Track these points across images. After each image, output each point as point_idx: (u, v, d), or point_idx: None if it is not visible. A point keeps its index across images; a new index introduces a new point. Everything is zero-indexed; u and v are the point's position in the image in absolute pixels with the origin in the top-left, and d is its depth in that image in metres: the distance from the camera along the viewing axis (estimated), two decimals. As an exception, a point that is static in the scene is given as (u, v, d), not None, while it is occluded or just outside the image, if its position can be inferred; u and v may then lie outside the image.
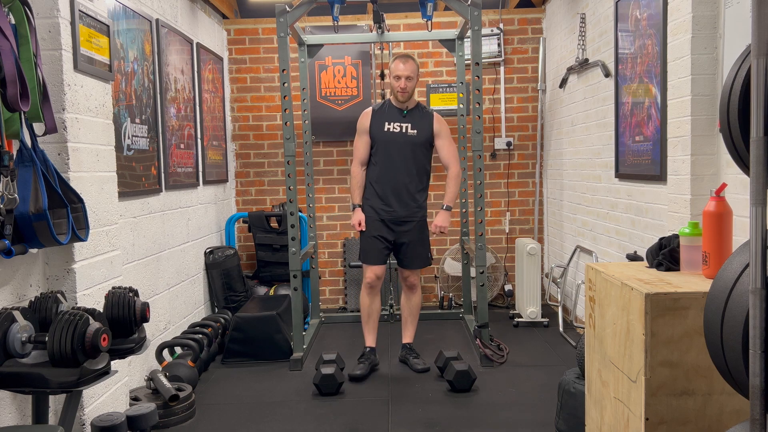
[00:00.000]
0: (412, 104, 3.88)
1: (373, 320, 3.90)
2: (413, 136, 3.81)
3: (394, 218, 3.80)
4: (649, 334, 1.76)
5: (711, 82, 2.70)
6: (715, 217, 1.88)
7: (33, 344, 1.99)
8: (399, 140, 3.80)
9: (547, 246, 5.55)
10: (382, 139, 3.81)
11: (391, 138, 3.81)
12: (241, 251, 5.46)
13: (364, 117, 3.91)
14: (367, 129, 3.86)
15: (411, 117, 3.84)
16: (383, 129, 3.82)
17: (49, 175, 2.16)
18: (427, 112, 3.90)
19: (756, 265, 1.17)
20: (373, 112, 3.89)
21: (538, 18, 5.44)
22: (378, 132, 3.83)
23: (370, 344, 3.90)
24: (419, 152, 3.82)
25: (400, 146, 3.79)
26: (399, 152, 3.79)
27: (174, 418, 3.03)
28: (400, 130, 3.81)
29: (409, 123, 3.82)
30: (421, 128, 3.82)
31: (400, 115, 3.84)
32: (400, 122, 3.82)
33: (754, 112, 1.18)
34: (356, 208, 3.86)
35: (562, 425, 2.71)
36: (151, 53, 3.76)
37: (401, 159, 3.79)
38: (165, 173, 3.89)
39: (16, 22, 2.08)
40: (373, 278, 3.82)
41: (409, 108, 3.86)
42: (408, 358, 3.89)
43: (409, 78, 3.76)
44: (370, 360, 3.81)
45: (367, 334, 3.91)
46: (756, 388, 1.17)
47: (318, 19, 5.27)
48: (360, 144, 3.89)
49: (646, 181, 3.37)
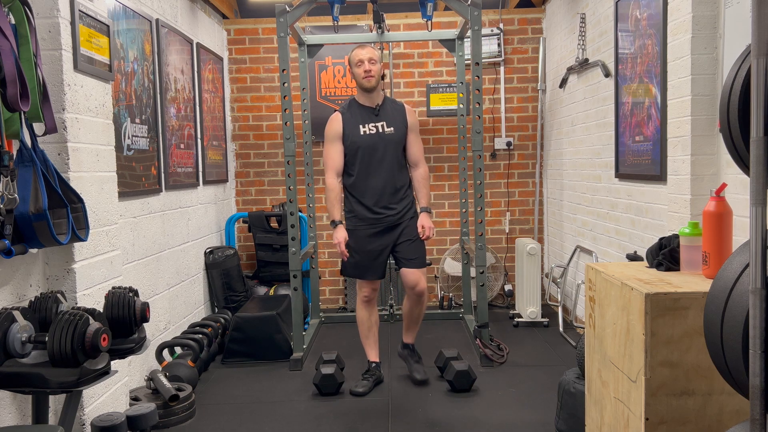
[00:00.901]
0: (380, 98, 3.55)
1: (374, 333, 3.66)
2: (391, 134, 3.50)
3: (388, 224, 3.52)
4: (649, 334, 1.76)
5: (711, 82, 2.70)
6: (715, 217, 1.88)
7: (33, 344, 1.99)
8: (378, 142, 3.47)
9: (547, 246, 5.55)
10: (361, 144, 3.46)
11: (369, 142, 3.47)
12: (241, 251, 5.46)
13: (335, 123, 3.52)
14: (340, 135, 3.49)
15: (384, 113, 3.53)
16: (359, 133, 3.48)
17: (49, 175, 2.16)
18: (398, 105, 3.62)
19: (756, 265, 1.17)
20: (343, 116, 3.53)
21: (538, 18, 5.44)
22: (354, 137, 3.48)
23: (374, 359, 3.66)
24: (398, 150, 3.54)
25: (381, 149, 3.48)
26: (381, 155, 3.48)
27: (174, 418, 3.03)
28: (377, 130, 3.49)
29: (384, 121, 3.50)
30: (396, 124, 3.52)
31: (373, 114, 3.51)
32: (374, 122, 3.50)
33: (754, 112, 1.18)
34: (338, 225, 3.46)
35: (562, 425, 2.71)
36: (151, 53, 3.76)
37: (384, 163, 3.48)
38: (165, 173, 3.89)
39: (16, 22, 2.08)
40: (370, 293, 3.59)
41: (379, 104, 3.53)
42: (409, 360, 3.71)
43: (371, 60, 3.45)
44: (376, 376, 3.60)
45: (369, 349, 3.67)
46: (756, 388, 1.17)
47: (318, 19, 5.27)
48: (333, 152, 3.49)
49: (646, 181, 3.37)
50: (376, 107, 3.53)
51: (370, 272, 3.54)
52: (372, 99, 3.53)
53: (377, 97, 3.55)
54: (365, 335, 3.67)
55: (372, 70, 3.45)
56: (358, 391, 3.48)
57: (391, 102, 3.62)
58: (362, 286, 3.60)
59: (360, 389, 3.49)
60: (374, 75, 3.46)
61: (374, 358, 3.67)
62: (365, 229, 3.52)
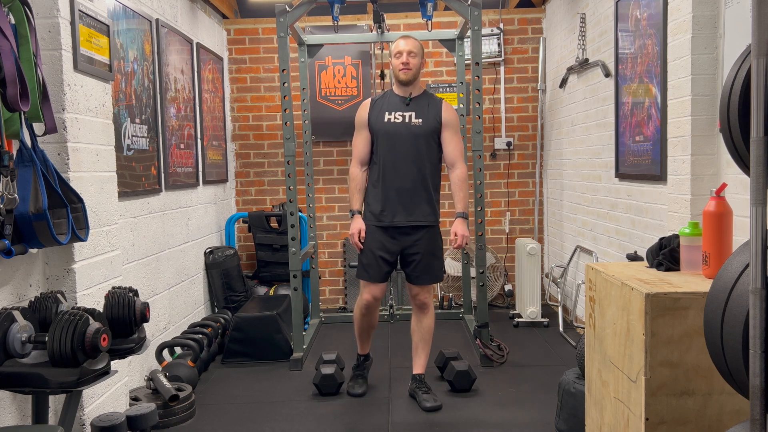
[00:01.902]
0: (417, 91, 3.34)
1: (368, 333, 3.51)
2: (417, 126, 3.26)
3: (400, 226, 3.26)
4: (649, 334, 1.76)
5: (711, 82, 2.70)
6: (715, 217, 1.88)
7: (33, 344, 1.99)
8: (401, 132, 3.25)
9: (547, 246, 5.55)
10: (383, 132, 3.27)
11: (392, 130, 3.26)
12: (241, 251, 5.46)
13: (362, 109, 3.38)
14: (366, 122, 3.33)
15: (416, 105, 3.30)
16: (383, 120, 3.29)
17: (49, 175, 2.16)
18: (435, 99, 3.35)
19: (756, 265, 1.17)
20: (372, 103, 3.37)
21: (538, 18, 5.44)
22: (377, 123, 3.29)
23: (364, 352, 3.58)
24: (426, 145, 3.26)
25: (403, 139, 3.25)
26: (403, 146, 3.24)
27: (174, 418, 3.03)
28: (403, 120, 3.27)
29: (413, 111, 3.28)
30: (426, 117, 3.27)
31: (403, 103, 3.30)
32: (403, 111, 3.29)
33: (754, 112, 1.18)
34: (355, 215, 3.29)
35: (562, 425, 2.71)
36: (151, 53, 3.76)
37: (406, 154, 3.24)
38: (165, 173, 3.89)
39: (16, 22, 2.08)
40: (370, 300, 3.32)
41: (414, 95, 3.32)
42: (417, 393, 3.32)
43: (411, 53, 3.24)
44: (366, 368, 3.57)
45: (362, 344, 3.55)
46: (756, 388, 1.17)
47: (318, 19, 5.27)
48: (359, 141, 3.34)
49: (646, 181, 3.37)
50: (408, 96, 3.32)
51: (370, 273, 3.31)
52: (407, 90, 3.34)
53: (414, 89, 3.34)
54: (359, 334, 3.53)
55: (410, 63, 3.25)
56: (356, 393, 3.46)
57: (430, 96, 3.38)
58: (362, 289, 3.37)
59: (358, 390, 3.47)
60: (411, 68, 3.25)
61: (365, 351, 3.59)
62: (374, 226, 3.30)
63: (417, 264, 3.29)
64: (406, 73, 3.26)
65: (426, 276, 3.30)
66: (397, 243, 3.29)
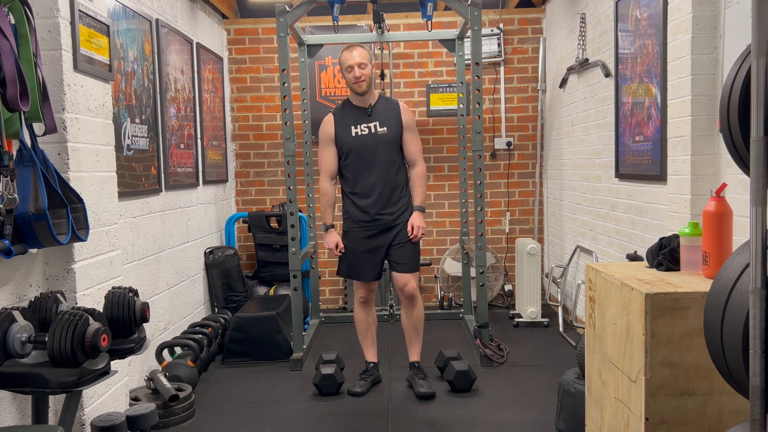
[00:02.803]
0: (373, 98, 3.49)
1: (372, 334, 3.64)
2: (384, 134, 3.44)
3: (382, 227, 3.47)
4: (649, 334, 1.76)
5: (711, 82, 2.70)
6: (715, 217, 1.88)
7: (33, 344, 1.99)
8: (371, 143, 3.43)
9: (547, 246, 5.55)
10: (353, 146, 3.44)
11: (361, 143, 3.43)
12: (241, 251, 5.46)
13: (327, 125, 3.51)
14: (333, 137, 3.48)
15: (377, 113, 3.46)
16: (351, 134, 3.44)
17: (48, 175, 2.16)
18: (392, 103, 3.53)
19: (756, 265, 1.17)
20: (335, 118, 3.50)
21: (538, 18, 5.44)
22: (346, 139, 3.45)
23: (372, 359, 3.65)
24: (393, 150, 3.46)
25: (374, 149, 3.42)
26: (374, 156, 3.42)
27: (174, 418, 3.03)
28: (369, 131, 3.44)
29: (377, 121, 3.44)
30: (389, 124, 3.45)
31: (365, 114, 3.46)
32: (367, 122, 3.45)
33: (754, 112, 1.18)
34: (329, 230, 3.51)
35: (562, 425, 2.71)
36: (151, 53, 3.76)
37: (378, 164, 3.43)
38: (165, 173, 3.89)
39: (16, 22, 2.08)
40: (366, 293, 3.57)
41: (372, 104, 3.48)
42: (414, 379, 3.51)
43: (361, 65, 3.37)
44: (374, 376, 3.60)
45: (367, 350, 3.66)
46: (756, 388, 1.17)
47: (318, 19, 5.27)
48: (326, 156, 3.49)
49: (646, 181, 3.37)
50: (368, 107, 3.48)
51: (365, 274, 3.51)
52: (365, 100, 3.48)
53: (370, 97, 3.49)
54: (363, 336, 3.66)
55: (362, 75, 3.38)
56: (355, 391, 3.48)
57: (386, 101, 3.55)
58: (358, 288, 3.59)
59: (358, 389, 3.49)
60: (365, 79, 3.40)
61: (372, 358, 3.67)
62: (359, 231, 3.50)
63: (398, 253, 3.49)
64: (361, 85, 3.42)
65: (410, 262, 3.50)
66: (383, 239, 3.50)
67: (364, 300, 3.60)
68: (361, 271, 3.52)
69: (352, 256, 3.52)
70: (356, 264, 3.52)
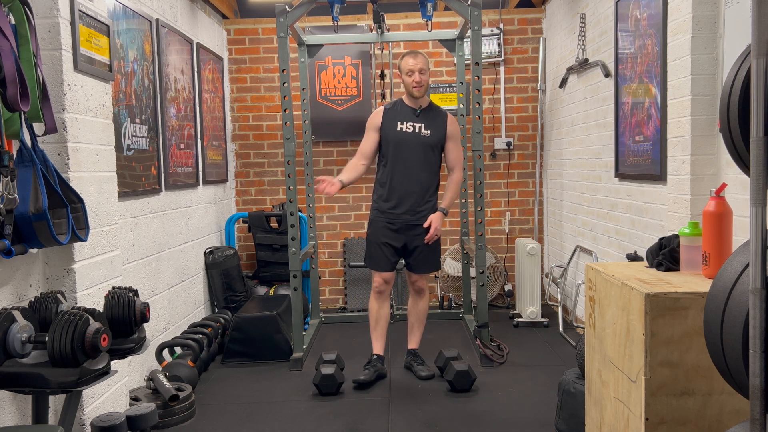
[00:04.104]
0: (425, 103, 3.71)
1: (381, 327, 3.75)
2: (426, 136, 3.63)
3: (405, 223, 3.62)
4: (649, 334, 1.76)
5: (711, 82, 2.70)
6: (715, 217, 1.88)
7: (33, 344, 1.99)
8: (412, 140, 3.62)
9: (547, 246, 5.55)
10: (394, 139, 3.63)
11: (403, 138, 3.62)
12: (241, 251, 5.46)
13: (376, 115, 3.74)
14: (378, 127, 3.68)
15: (425, 117, 3.67)
16: (395, 128, 3.64)
17: (49, 175, 2.16)
18: (441, 112, 3.73)
19: (756, 265, 1.17)
20: (385, 111, 3.72)
21: (538, 18, 5.44)
22: (390, 131, 3.65)
23: (378, 352, 3.74)
24: (431, 154, 3.65)
25: (413, 147, 3.62)
26: (411, 153, 3.61)
27: (174, 418, 3.03)
28: (414, 130, 3.64)
29: (423, 123, 3.65)
30: (434, 129, 3.65)
31: (414, 114, 3.66)
32: (414, 122, 3.65)
33: (754, 112, 1.18)
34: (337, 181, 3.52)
35: (562, 425, 2.71)
36: (151, 53, 3.76)
37: (413, 160, 3.61)
38: (165, 173, 3.89)
39: (16, 22, 2.08)
40: (381, 283, 3.69)
41: (423, 107, 3.69)
42: (413, 365, 3.76)
43: (422, 71, 3.59)
44: (377, 368, 3.66)
45: (375, 341, 3.76)
46: (756, 388, 1.17)
47: (318, 19, 5.27)
48: (367, 140, 3.71)
49: (646, 181, 3.37)
50: (418, 109, 3.68)
51: (380, 264, 3.67)
52: (417, 102, 3.69)
53: (423, 101, 3.70)
54: (373, 326, 3.77)
55: (422, 80, 3.60)
56: (360, 380, 3.55)
57: (436, 108, 3.75)
58: (374, 276, 3.73)
59: (362, 377, 3.57)
60: (423, 84, 3.61)
61: (378, 350, 3.76)
62: (383, 221, 3.67)
63: (418, 255, 3.69)
64: (419, 90, 3.62)
65: (425, 266, 3.74)
66: (402, 237, 3.66)
67: (379, 291, 3.71)
68: (377, 261, 3.68)
69: (371, 246, 3.71)
70: (374, 252, 3.70)
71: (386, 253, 3.66)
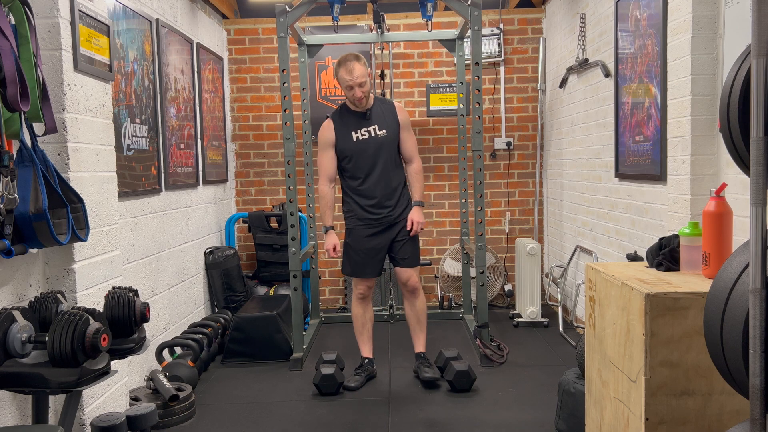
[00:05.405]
0: (369, 103, 3.58)
1: (368, 330, 3.74)
2: (383, 136, 3.55)
3: (387, 222, 3.59)
4: (649, 334, 1.76)
5: (711, 82, 2.70)
6: (715, 217, 1.88)
7: (33, 344, 1.99)
8: (371, 146, 3.53)
9: (547, 246, 5.55)
10: (354, 151, 3.54)
11: (362, 147, 3.53)
12: (241, 251, 5.46)
13: (326, 130, 3.59)
14: (333, 143, 3.57)
15: (375, 116, 3.57)
16: (352, 140, 3.54)
17: (49, 175, 2.16)
18: (388, 104, 3.65)
19: (756, 265, 1.17)
20: (335, 123, 3.59)
21: (538, 18, 5.44)
22: (346, 144, 3.55)
23: (367, 354, 3.74)
24: (393, 151, 3.59)
25: (374, 152, 3.53)
26: (374, 158, 3.53)
27: (174, 418, 3.04)
28: (369, 135, 3.54)
29: (376, 123, 3.55)
30: (388, 125, 3.57)
31: (363, 118, 3.56)
32: (366, 126, 3.55)
33: (754, 112, 1.18)
34: (329, 231, 3.61)
35: (562, 425, 2.71)
36: (151, 53, 3.76)
37: (379, 165, 3.54)
38: (165, 173, 3.89)
39: (16, 22, 2.08)
40: (366, 289, 3.67)
41: (369, 108, 3.57)
42: (420, 368, 3.66)
43: (361, 84, 3.45)
44: (368, 371, 3.67)
45: (363, 345, 3.75)
46: (756, 388, 1.17)
47: (318, 19, 5.27)
48: (325, 160, 3.59)
49: (646, 181, 3.37)
50: (366, 111, 3.58)
51: (368, 270, 3.62)
52: (362, 105, 3.57)
53: (367, 102, 3.58)
54: (359, 331, 3.75)
55: (362, 93, 3.47)
56: (350, 386, 3.54)
57: (381, 102, 3.65)
58: (357, 284, 3.68)
59: (352, 384, 3.55)
60: (365, 95, 3.49)
61: (367, 353, 3.75)
62: (363, 228, 3.61)
63: (402, 247, 3.62)
64: (360, 102, 3.51)
65: (412, 257, 3.64)
66: (386, 236, 3.62)
67: (362, 296, 3.69)
68: (364, 269, 3.62)
69: (355, 254, 3.63)
70: (359, 260, 3.62)
71: (372, 259, 3.60)
